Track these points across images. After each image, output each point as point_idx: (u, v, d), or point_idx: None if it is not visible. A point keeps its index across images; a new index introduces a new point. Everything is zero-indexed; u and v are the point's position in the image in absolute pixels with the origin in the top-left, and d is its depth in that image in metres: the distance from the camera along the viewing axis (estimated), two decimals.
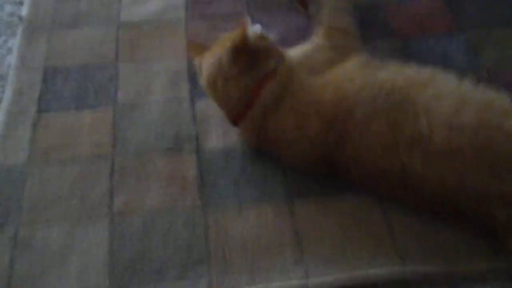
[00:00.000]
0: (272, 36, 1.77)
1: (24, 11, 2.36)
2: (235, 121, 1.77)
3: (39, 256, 1.61)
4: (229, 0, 2.38)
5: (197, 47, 1.86)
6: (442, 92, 1.53)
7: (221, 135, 1.89)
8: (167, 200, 1.72)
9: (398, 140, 1.51)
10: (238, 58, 1.69)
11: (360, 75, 1.63)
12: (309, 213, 1.69)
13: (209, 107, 1.96)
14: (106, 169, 1.81)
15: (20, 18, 2.34)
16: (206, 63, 1.76)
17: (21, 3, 2.41)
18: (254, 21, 2.09)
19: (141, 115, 1.96)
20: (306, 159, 1.70)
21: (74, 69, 2.13)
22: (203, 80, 1.79)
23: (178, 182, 1.77)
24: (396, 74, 1.62)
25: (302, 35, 1.96)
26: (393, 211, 1.67)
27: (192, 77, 2.05)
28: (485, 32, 2.18)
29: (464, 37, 2.17)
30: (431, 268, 1.55)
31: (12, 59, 2.17)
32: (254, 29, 1.74)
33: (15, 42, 2.23)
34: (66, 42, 2.24)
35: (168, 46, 2.20)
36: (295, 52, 1.79)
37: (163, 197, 1.73)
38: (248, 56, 1.69)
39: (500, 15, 2.25)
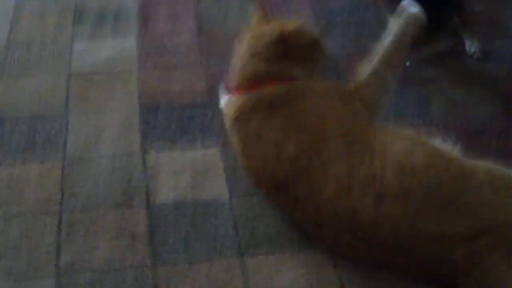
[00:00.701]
0: None
1: None
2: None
3: None
4: (181, 51, 2.39)
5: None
6: (397, 138, 1.59)
7: (172, 189, 1.87)
8: (116, 258, 1.68)
9: (352, 183, 1.53)
10: (278, 46, 1.72)
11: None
12: (260, 268, 1.67)
13: (160, 160, 1.95)
14: (53, 224, 1.76)
15: None
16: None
17: None
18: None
19: (90, 168, 1.93)
20: (267, 177, 1.69)
21: (22, 119, 2.09)
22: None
23: (127, 238, 1.73)
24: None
25: None
26: (344, 263, 1.66)
27: (144, 130, 2.04)
28: (434, 86, 2.23)
29: (415, 90, 2.21)
30: None
31: None
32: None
33: None
34: (15, 91, 2.21)
35: (119, 98, 2.18)
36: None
37: (111, 254, 1.69)
38: (286, 50, 1.72)
39: (450, 70, 2.30)
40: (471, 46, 2.29)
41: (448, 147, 1.62)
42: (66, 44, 2.41)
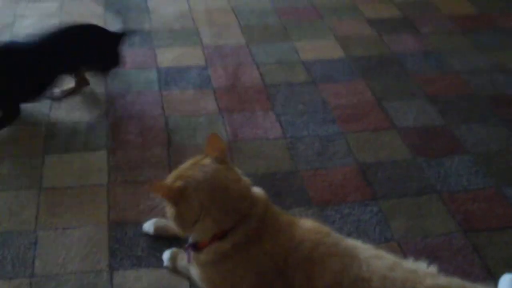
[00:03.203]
0: None
1: None
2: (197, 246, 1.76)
3: None
4: (151, 166, 2.45)
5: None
6: (380, 255, 1.71)
7: None
8: None
9: (343, 281, 1.63)
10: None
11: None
12: None
13: (127, 278, 1.98)
14: None
15: None
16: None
17: None
18: None
19: (58, 286, 1.95)
20: None
21: None
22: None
23: None
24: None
25: None
26: None
27: (112, 247, 2.08)
28: (396, 202, 2.31)
29: (377, 207, 2.30)
30: None
31: None
32: None
33: None
34: None
35: (88, 212, 2.23)
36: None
37: None
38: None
39: (409, 186, 2.40)
40: None
41: (422, 265, 1.71)
42: (38, 157, 2.47)
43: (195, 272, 1.84)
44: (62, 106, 2.77)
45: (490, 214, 2.28)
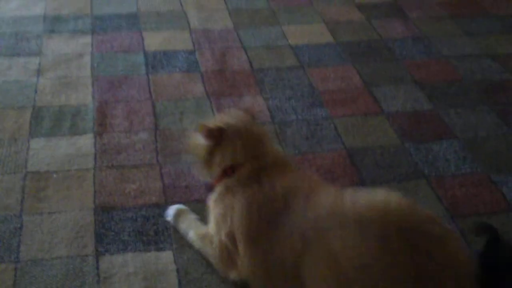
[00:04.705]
0: None
1: None
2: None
3: None
4: (138, 150, 2.43)
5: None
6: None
7: None
8: None
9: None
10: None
11: None
12: None
13: (114, 262, 1.97)
14: None
15: None
16: None
17: None
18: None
19: (44, 271, 1.93)
20: None
21: None
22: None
23: None
24: None
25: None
26: None
27: (99, 232, 2.06)
28: (384, 186, 2.30)
29: None
30: None
31: None
32: None
33: None
34: None
35: (75, 197, 2.21)
36: None
37: None
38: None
39: (397, 171, 2.39)
40: None
41: None
42: (23, 142, 2.44)
43: (192, 235, 2.02)
44: (47, 90, 2.74)
45: (477, 199, 2.28)
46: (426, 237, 1.60)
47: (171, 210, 2.12)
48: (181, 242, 2.03)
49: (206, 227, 1.99)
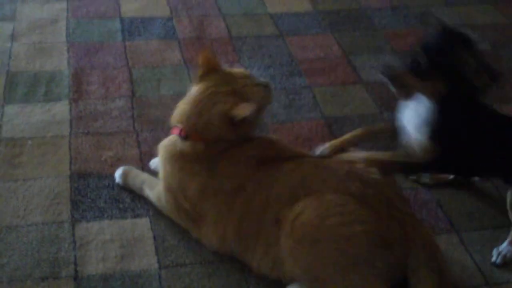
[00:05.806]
0: None
1: None
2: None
3: None
4: (114, 117, 2.40)
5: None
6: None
7: (100, 260, 1.87)
8: None
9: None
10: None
11: None
12: None
13: (90, 229, 1.95)
14: None
15: None
16: None
17: None
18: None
19: (18, 237, 1.91)
20: None
21: None
22: None
23: None
24: None
25: None
26: None
27: (74, 198, 2.04)
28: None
29: None
30: None
31: None
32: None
33: None
34: None
35: (50, 164, 2.18)
36: None
37: None
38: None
39: (378, 139, 2.39)
40: None
41: None
42: None
43: (148, 192, 2.03)
44: (22, 56, 2.69)
45: None
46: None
47: (118, 172, 2.11)
48: (157, 209, 2.02)
49: (157, 181, 2.00)
